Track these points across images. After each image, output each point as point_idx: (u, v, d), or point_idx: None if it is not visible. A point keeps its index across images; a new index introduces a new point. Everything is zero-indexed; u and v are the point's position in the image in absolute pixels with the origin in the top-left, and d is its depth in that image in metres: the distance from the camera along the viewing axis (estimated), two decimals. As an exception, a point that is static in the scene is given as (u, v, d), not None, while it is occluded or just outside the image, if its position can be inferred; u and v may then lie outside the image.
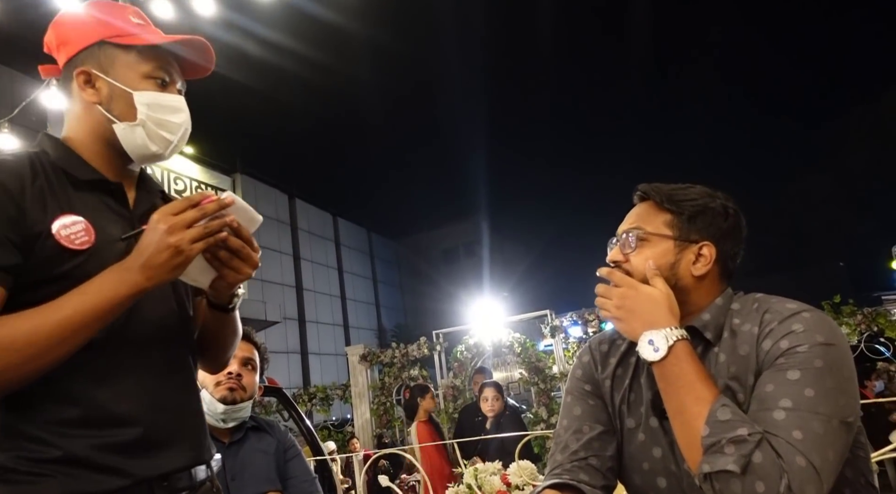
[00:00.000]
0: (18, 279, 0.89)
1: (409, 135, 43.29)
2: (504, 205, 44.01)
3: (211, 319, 1.14)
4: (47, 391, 0.90)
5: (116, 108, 1.03)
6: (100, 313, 0.88)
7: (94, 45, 1.04)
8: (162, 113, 1.05)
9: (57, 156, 1.02)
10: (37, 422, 0.89)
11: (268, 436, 1.92)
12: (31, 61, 11.48)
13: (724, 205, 1.12)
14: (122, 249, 0.98)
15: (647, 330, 1.00)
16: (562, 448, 1.13)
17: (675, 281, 1.08)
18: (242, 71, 3.79)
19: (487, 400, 4.38)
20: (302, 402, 9.03)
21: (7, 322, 0.85)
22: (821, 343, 0.93)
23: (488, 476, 2.12)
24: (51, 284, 0.91)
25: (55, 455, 0.88)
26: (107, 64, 1.04)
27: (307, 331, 21.16)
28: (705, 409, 0.91)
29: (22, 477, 0.87)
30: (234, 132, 16.00)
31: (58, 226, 0.92)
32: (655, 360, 0.97)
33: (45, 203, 0.94)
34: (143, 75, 1.04)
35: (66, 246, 0.92)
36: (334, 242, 24.58)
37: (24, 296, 0.89)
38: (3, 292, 0.87)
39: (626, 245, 1.12)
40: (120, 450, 0.92)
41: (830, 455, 0.86)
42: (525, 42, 44.68)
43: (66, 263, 0.92)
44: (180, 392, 1.05)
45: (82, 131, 1.06)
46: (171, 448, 1.00)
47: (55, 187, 0.97)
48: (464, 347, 8.13)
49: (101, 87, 1.04)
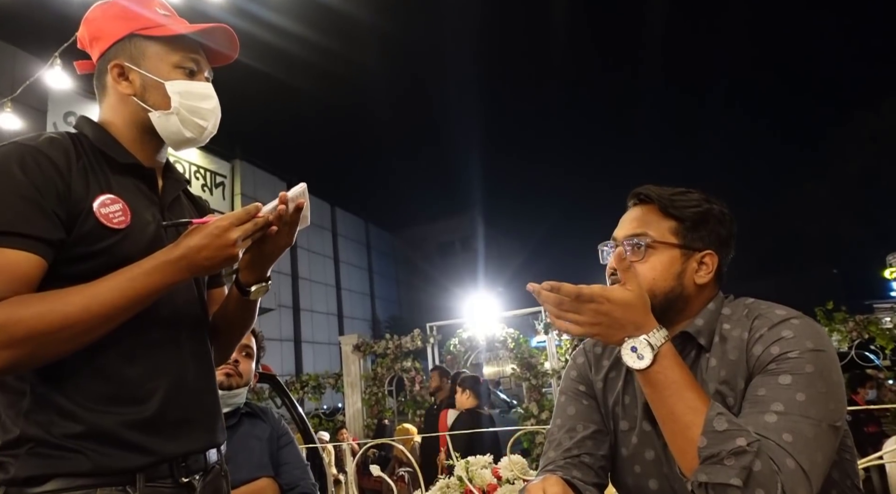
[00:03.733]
0: (59, 253, 0.92)
1: (409, 129, 43.21)
2: (501, 201, 44.08)
3: (232, 305, 1.18)
4: (81, 365, 0.93)
5: (151, 98, 1.07)
6: (144, 296, 0.92)
7: (125, 39, 1.07)
8: (193, 100, 1.08)
9: (96, 139, 1.05)
10: (69, 395, 0.92)
11: (261, 423, 1.93)
12: (33, 39, 11.40)
13: (721, 211, 1.12)
14: (153, 232, 1.03)
15: (627, 337, 0.94)
16: (555, 446, 1.14)
17: (680, 291, 1.07)
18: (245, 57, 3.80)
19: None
20: (294, 390, 9.05)
21: (61, 296, 0.88)
22: (811, 349, 0.94)
23: (479, 469, 2.13)
24: (88, 260, 0.94)
25: (83, 430, 0.90)
26: (138, 56, 1.07)
27: (301, 319, 21.15)
28: (700, 418, 0.89)
29: (52, 452, 0.89)
30: (234, 118, 15.92)
31: (98, 204, 0.97)
32: (641, 369, 0.93)
33: (87, 181, 0.98)
34: (172, 65, 1.08)
35: (106, 224, 0.96)
36: (331, 232, 24.53)
37: (61, 270, 0.92)
38: (45, 264, 0.90)
39: (634, 252, 1.09)
40: (144, 428, 0.95)
41: (819, 457, 0.87)
42: (524, 39, 44.55)
43: (103, 241, 0.96)
44: (201, 374, 1.09)
45: (118, 119, 1.09)
46: (192, 429, 1.03)
47: (96, 167, 1.01)
48: (457, 340, 8.16)
49: (134, 79, 1.08)
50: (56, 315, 0.85)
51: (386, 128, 41.85)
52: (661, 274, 1.07)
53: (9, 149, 0.93)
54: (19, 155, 0.92)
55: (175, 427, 1.00)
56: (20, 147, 0.94)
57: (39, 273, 0.89)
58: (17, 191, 0.89)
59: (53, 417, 0.90)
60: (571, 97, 48.14)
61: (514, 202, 44.25)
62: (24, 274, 0.87)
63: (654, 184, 1.14)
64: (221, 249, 0.95)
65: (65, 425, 0.90)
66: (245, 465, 1.78)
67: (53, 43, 4.64)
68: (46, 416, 0.90)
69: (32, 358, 0.85)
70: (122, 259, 0.95)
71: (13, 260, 0.86)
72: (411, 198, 39.50)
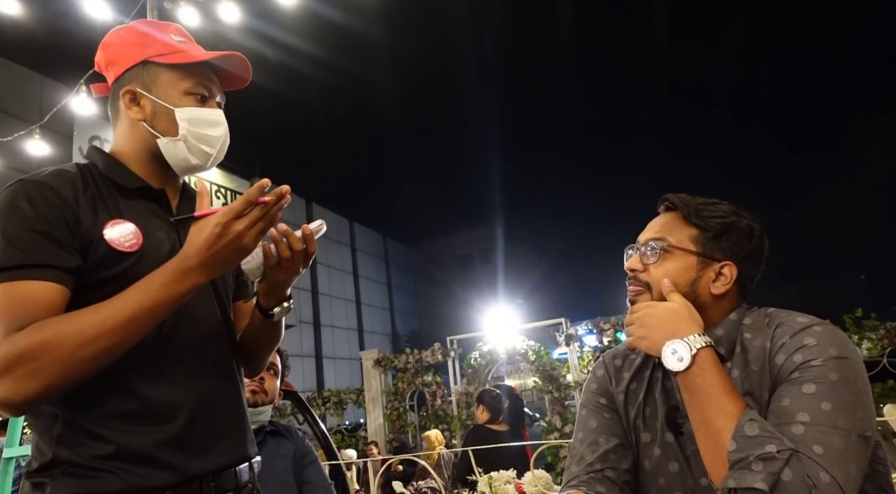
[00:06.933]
0: (78, 281, 0.94)
1: (426, 142, 43.41)
2: (519, 213, 43.89)
3: (257, 325, 1.19)
4: (106, 387, 0.94)
5: (160, 124, 1.09)
6: (161, 307, 0.92)
7: (139, 65, 1.10)
8: (201, 127, 1.10)
9: (105, 167, 1.08)
10: (96, 417, 0.93)
11: (286, 441, 1.94)
12: (59, 66, 11.75)
13: (750, 225, 1.11)
14: (168, 250, 1.04)
15: (668, 339, 0.99)
16: (577, 460, 1.13)
17: (694, 298, 1.07)
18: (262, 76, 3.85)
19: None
20: (316, 406, 9.08)
21: (76, 316, 0.89)
22: (834, 356, 0.92)
23: (503, 484, 2.12)
24: (104, 286, 0.96)
25: (112, 451, 0.92)
26: (150, 82, 1.09)
27: (322, 335, 21.24)
28: (732, 423, 0.90)
29: (85, 472, 0.91)
30: (253, 137, 16.16)
31: (108, 230, 0.98)
32: (680, 370, 0.96)
33: (96, 209, 0.99)
34: (183, 92, 1.10)
35: (117, 248, 0.98)
36: (350, 247, 24.68)
37: (80, 298, 0.94)
38: (66, 292, 0.92)
39: (648, 255, 1.11)
40: (172, 445, 0.96)
41: (852, 469, 0.85)
42: (542, 51, 44.67)
43: (117, 265, 0.97)
44: (227, 390, 1.10)
45: (128, 145, 1.12)
46: (221, 443, 1.04)
47: (105, 195, 1.03)
48: (478, 354, 8.12)
49: (145, 105, 1.09)
50: (73, 333, 0.86)
51: (402, 142, 42.16)
52: (674, 278, 1.08)
53: (16, 187, 0.95)
54: (25, 191, 0.94)
55: (203, 443, 1.01)
56: (25, 184, 0.96)
57: (62, 301, 0.91)
58: (29, 225, 0.91)
59: (84, 439, 0.92)
60: (590, 109, 48.13)
61: (532, 214, 44.10)
62: (47, 303, 0.89)
63: (686, 194, 1.15)
64: (231, 243, 0.95)
65: (94, 446, 0.92)
66: (269, 484, 1.79)
67: (79, 70, 4.79)
68: (77, 439, 0.92)
69: (59, 381, 0.86)
70: (139, 280, 0.95)
71: (35, 290, 0.88)
72: (428, 211, 39.61)
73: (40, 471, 0.93)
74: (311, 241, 1.08)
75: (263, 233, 0.99)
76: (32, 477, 0.94)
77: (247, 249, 0.98)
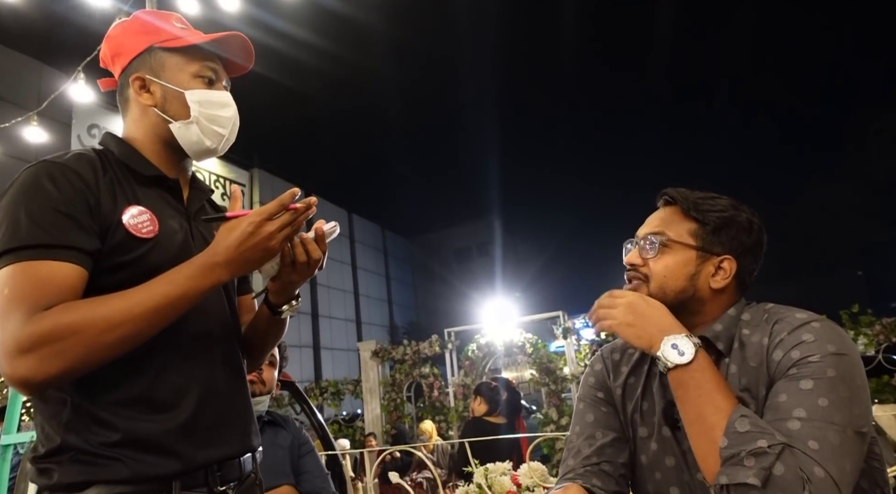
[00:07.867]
0: (96, 264, 0.95)
1: (425, 135, 43.32)
2: (517, 206, 43.94)
3: (264, 321, 1.20)
4: (115, 375, 0.94)
5: (171, 109, 1.10)
6: (186, 299, 0.94)
7: (145, 52, 1.10)
8: (212, 109, 1.11)
9: (121, 153, 1.08)
10: (104, 404, 0.94)
11: (283, 431, 1.95)
12: (57, 53, 11.68)
13: (749, 219, 1.11)
14: (181, 240, 1.05)
15: (666, 334, 0.99)
16: (574, 453, 1.14)
17: (693, 292, 1.07)
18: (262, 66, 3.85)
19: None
20: (313, 396, 9.09)
21: (103, 301, 0.90)
22: (832, 353, 0.93)
23: (498, 476, 2.13)
24: (120, 270, 0.96)
25: (119, 439, 0.92)
26: (158, 68, 1.10)
27: (320, 326, 21.27)
28: (723, 420, 0.90)
29: (92, 459, 0.91)
30: (252, 127, 16.13)
31: (127, 215, 0.99)
32: (681, 364, 0.96)
33: (115, 194, 1.00)
34: (191, 75, 1.11)
35: (135, 234, 0.99)
36: (348, 238, 24.65)
37: (95, 281, 0.94)
38: (86, 274, 0.92)
39: (647, 249, 1.11)
40: (179, 433, 0.97)
41: (847, 465, 0.85)
42: (542, 44, 44.50)
43: (133, 251, 0.98)
44: (233, 381, 1.10)
45: (141, 133, 1.12)
46: (226, 433, 1.05)
47: (122, 181, 1.04)
48: (475, 346, 8.14)
49: (154, 91, 1.10)
50: (99, 318, 0.87)
51: (401, 134, 42.04)
52: (673, 273, 1.08)
53: (39, 167, 0.96)
54: (49, 171, 0.95)
55: (209, 432, 1.01)
56: (49, 164, 0.96)
57: (82, 283, 0.92)
58: (52, 205, 0.91)
59: (91, 426, 0.92)
60: (589, 102, 48.01)
61: (530, 207, 44.16)
62: (70, 284, 0.89)
63: (685, 188, 1.15)
64: (260, 244, 0.97)
65: (102, 434, 0.92)
66: (267, 473, 1.78)
67: (77, 57, 4.76)
68: (84, 426, 0.92)
69: (82, 364, 0.86)
70: (153, 267, 0.97)
71: (58, 270, 0.89)
72: (427, 204, 39.57)
73: (47, 457, 0.93)
74: (323, 241, 1.09)
75: (290, 239, 1.02)
76: (39, 463, 0.94)
77: (273, 251, 0.99)
